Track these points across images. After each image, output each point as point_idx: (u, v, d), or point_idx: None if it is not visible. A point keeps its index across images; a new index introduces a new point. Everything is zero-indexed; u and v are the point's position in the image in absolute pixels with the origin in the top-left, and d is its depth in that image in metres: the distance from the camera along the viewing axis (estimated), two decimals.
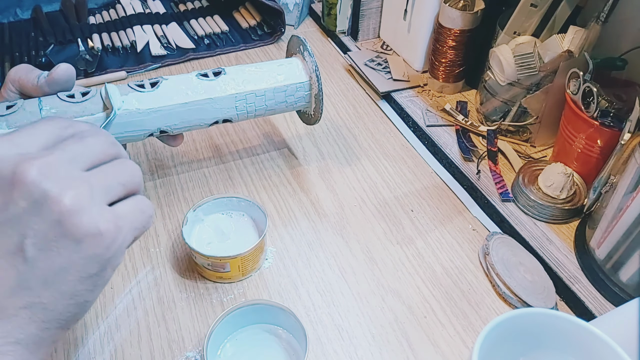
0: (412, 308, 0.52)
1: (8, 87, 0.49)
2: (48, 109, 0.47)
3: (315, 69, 0.57)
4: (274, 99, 0.57)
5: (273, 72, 0.58)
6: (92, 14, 0.97)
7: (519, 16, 0.66)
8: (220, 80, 0.55)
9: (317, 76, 0.58)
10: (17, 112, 0.46)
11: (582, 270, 0.55)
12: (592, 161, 0.60)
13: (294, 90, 0.58)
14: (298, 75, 0.58)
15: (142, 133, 0.53)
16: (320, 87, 0.58)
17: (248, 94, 0.56)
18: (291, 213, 0.62)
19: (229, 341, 0.48)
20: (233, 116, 0.57)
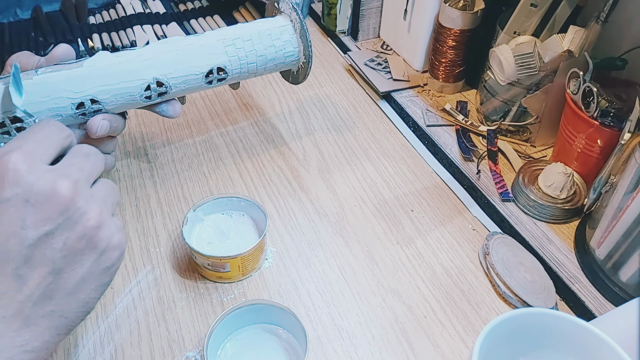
0: (412, 308, 0.52)
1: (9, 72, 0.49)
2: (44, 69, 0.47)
3: (293, 8, 0.59)
4: (261, 42, 0.58)
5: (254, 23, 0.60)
6: (92, 14, 0.97)
7: (519, 16, 0.66)
8: (206, 33, 0.57)
9: (297, 13, 0.59)
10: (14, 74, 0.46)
11: (582, 270, 0.55)
12: (592, 161, 0.60)
13: (278, 33, 0.59)
14: (279, 22, 0.60)
15: (138, 83, 0.52)
16: (303, 24, 0.59)
17: (235, 39, 0.57)
18: (291, 213, 0.62)
19: (229, 341, 0.48)
20: (226, 62, 0.57)
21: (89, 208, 0.34)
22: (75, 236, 0.33)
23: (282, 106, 0.78)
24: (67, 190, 0.33)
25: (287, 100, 0.79)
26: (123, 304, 0.52)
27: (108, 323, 0.50)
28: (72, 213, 0.33)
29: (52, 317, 0.33)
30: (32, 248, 0.32)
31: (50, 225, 0.32)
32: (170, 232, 0.59)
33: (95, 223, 0.34)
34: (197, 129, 0.73)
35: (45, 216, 0.32)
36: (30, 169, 0.33)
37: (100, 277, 0.35)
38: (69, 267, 0.33)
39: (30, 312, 0.32)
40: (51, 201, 0.32)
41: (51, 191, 0.33)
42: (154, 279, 0.54)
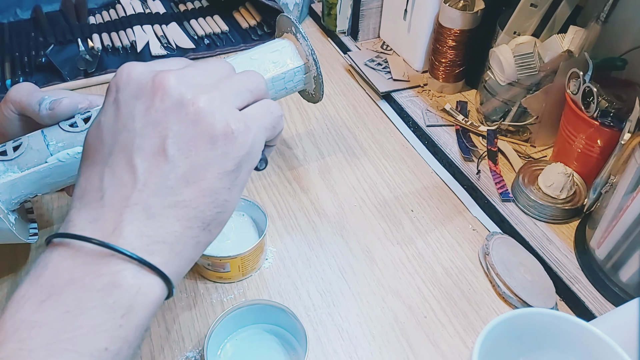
0: (412, 308, 0.52)
1: (8, 107, 0.48)
2: (54, 143, 0.46)
3: (311, 53, 0.57)
4: (274, 88, 0.57)
5: (269, 61, 0.57)
6: (92, 14, 0.97)
7: (519, 16, 0.66)
8: None
9: (315, 59, 0.57)
10: (25, 152, 0.46)
11: (582, 270, 0.55)
12: (592, 161, 0.60)
13: (292, 75, 0.58)
14: (294, 60, 0.58)
15: None
16: (318, 70, 0.57)
17: None
18: (291, 213, 0.62)
19: (229, 341, 0.48)
20: None
21: (196, 94, 0.33)
22: (181, 122, 0.33)
23: (282, 106, 0.78)
24: (170, 79, 0.33)
25: (287, 100, 0.79)
26: None
27: None
28: (177, 99, 0.33)
29: (177, 208, 0.33)
30: (141, 137, 0.33)
31: (154, 112, 0.33)
32: None
33: (201, 108, 0.33)
34: None
35: (149, 105, 0.33)
36: (141, 68, 0.34)
37: (221, 164, 0.33)
38: (182, 155, 0.33)
39: (153, 203, 0.32)
40: (156, 91, 0.33)
41: (154, 82, 0.33)
42: None
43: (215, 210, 0.34)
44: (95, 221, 0.32)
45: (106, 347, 0.29)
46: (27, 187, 0.46)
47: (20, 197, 0.46)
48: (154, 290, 0.32)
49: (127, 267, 0.31)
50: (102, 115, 0.34)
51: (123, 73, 0.34)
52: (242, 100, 0.36)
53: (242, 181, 0.35)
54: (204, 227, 0.34)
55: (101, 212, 0.32)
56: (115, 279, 0.30)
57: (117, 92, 0.34)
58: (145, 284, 0.31)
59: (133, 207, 0.32)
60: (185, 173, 0.33)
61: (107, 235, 0.31)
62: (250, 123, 0.35)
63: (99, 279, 0.30)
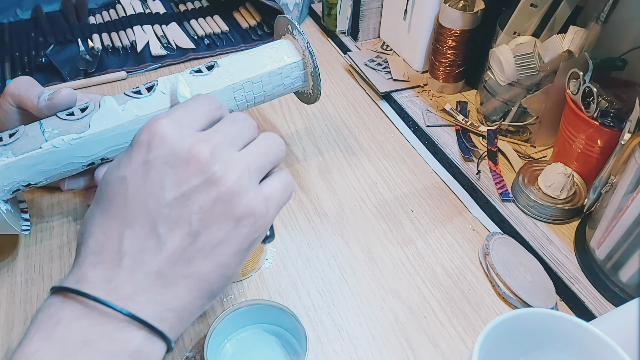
0: (412, 308, 0.52)
1: (7, 100, 0.48)
2: (50, 130, 0.46)
3: (307, 46, 0.57)
4: (271, 83, 0.57)
5: (265, 56, 0.57)
6: (92, 14, 0.97)
7: (519, 16, 0.66)
8: (215, 74, 0.55)
9: (311, 53, 0.57)
10: (20, 138, 0.46)
11: (582, 270, 0.55)
12: (592, 161, 0.60)
13: (289, 71, 0.58)
14: (291, 56, 0.58)
15: None
16: (315, 64, 0.57)
17: (245, 82, 0.55)
18: (291, 213, 0.62)
19: (229, 341, 0.48)
20: (234, 107, 0.56)
21: (226, 173, 0.34)
22: (210, 199, 0.33)
23: (282, 106, 0.78)
24: (204, 153, 0.33)
25: (287, 100, 0.79)
26: None
27: None
28: (208, 176, 0.33)
29: (191, 279, 0.34)
30: (169, 208, 0.33)
31: (186, 186, 0.33)
32: None
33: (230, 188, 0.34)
34: None
35: (182, 178, 0.33)
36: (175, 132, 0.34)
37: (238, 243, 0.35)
38: (205, 230, 0.33)
39: (170, 273, 0.33)
40: (189, 163, 0.33)
41: (189, 154, 0.33)
42: None
43: (223, 283, 0.36)
44: (111, 282, 0.32)
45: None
46: (20, 172, 0.46)
47: (13, 184, 0.46)
48: (159, 354, 0.33)
49: (140, 334, 0.32)
50: (127, 171, 0.34)
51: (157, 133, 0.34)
52: (263, 174, 0.37)
53: (249, 256, 0.37)
54: (211, 297, 0.36)
55: (119, 273, 0.32)
56: (128, 346, 0.31)
57: (148, 153, 0.34)
58: (154, 350, 0.33)
59: (151, 274, 0.33)
60: (204, 247, 0.34)
61: (122, 298, 0.32)
62: (270, 205, 0.36)
63: (113, 344, 0.31)
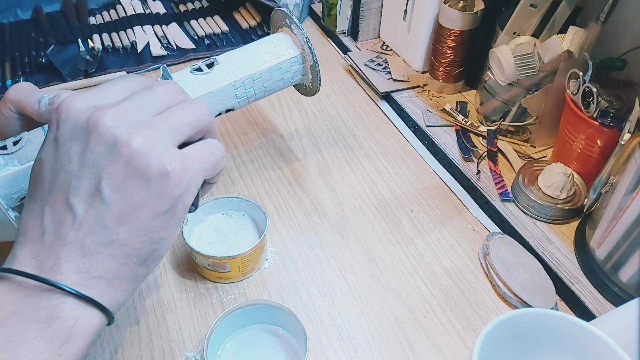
0: (412, 308, 0.52)
1: (7, 106, 0.48)
2: None
3: (306, 41, 0.57)
4: (271, 78, 0.57)
5: (265, 52, 0.57)
6: (92, 15, 0.97)
7: (519, 16, 0.66)
8: (215, 72, 0.55)
9: (310, 48, 0.57)
10: (25, 146, 0.46)
11: (582, 270, 0.55)
12: (592, 161, 0.60)
13: (288, 66, 0.58)
14: (290, 51, 0.58)
15: None
16: (314, 58, 0.58)
17: (245, 79, 0.56)
18: (291, 213, 0.62)
19: (229, 341, 0.48)
20: (235, 104, 0.57)
21: (130, 135, 0.33)
22: (116, 164, 0.33)
23: (282, 106, 0.78)
24: (103, 120, 0.33)
25: (287, 101, 0.79)
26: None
27: None
28: (111, 141, 0.33)
29: (112, 246, 0.34)
30: (77, 179, 0.34)
31: (90, 154, 0.33)
32: None
33: (135, 149, 0.33)
34: None
35: (85, 147, 0.34)
36: (79, 106, 0.34)
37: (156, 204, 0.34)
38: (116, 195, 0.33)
39: (89, 242, 0.33)
40: (90, 132, 0.33)
41: (88, 123, 0.34)
42: (154, 279, 0.54)
43: (150, 248, 0.35)
44: (36, 257, 0.33)
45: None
46: (27, 180, 0.46)
47: (21, 192, 0.46)
48: (91, 321, 0.34)
49: (65, 301, 0.32)
50: (42, 152, 0.35)
51: (62, 109, 0.35)
52: (180, 136, 0.36)
53: (177, 219, 0.36)
54: (140, 263, 0.35)
55: (41, 248, 0.34)
56: (54, 312, 0.32)
57: (57, 130, 0.35)
58: (82, 315, 0.33)
59: (70, 245, 0.33)
60: (120, 213, 0.34)
61: (46, 270, 0.33)
62: (188, 163, 0.35)
63: (39, 311, 0.32)
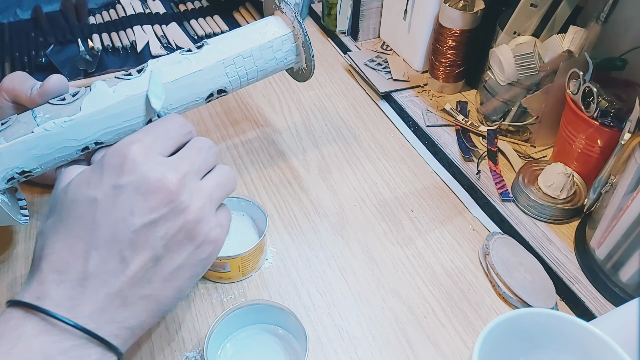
0: (412, 308, 0.52)
1: (2, 95, 0.48)
2: (42, 115, 0.46)
3: (295, 17, 0.57)
4: (262, 57, 0.57)
5: (255, 32, 0.57)
6: (92, 14, 0.97)
7: (519, 16, 0.66)
8: (205, 51, 0.54)
9: (300, 22, 0.57)
10: (12, 125, 0.46)
11: (582, 270, 0.55)
12: (592, 161, 0.60)
13: (279, 44, 0.57)
14: (280, 29, 0.58)
15: (140, 121, 0.51)
16: (305, 34, 0.57)
17: (235, 57, 0.55)
18: (291, 213, 0.62)
19: (229, 341, 0.48)
20: (226, 84, 0.55)
21: (192, 202, 0.36)
22: (175, 227, 0.35)
23: (282, 106, 0.78)
24: (174, 183, 0.35)
25: (287, 101, 0.79)
26: None
27: None
28: (176, 205, 0.35)
29: (148, 300, 0.36)
30: (136, 234, 0.35)
31: (155, 214, 0.35)
32: None
33: (195, 217, 0.36)
34: (197, 129, 0.73)
35: (152, 205, 0.35)
36: (146, 160, 0.36)
37: (195, 267, 0.37)
38: (167, 255, 0.35)
39: (129, 293, 0.35)
40: (159, 192, 0.35)
41: (159, 183, 0.35)
42: None
43: (174, 304, 0.38)
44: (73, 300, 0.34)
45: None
46: (14, 159, 0.45)
47: (7, 171, 0.46)
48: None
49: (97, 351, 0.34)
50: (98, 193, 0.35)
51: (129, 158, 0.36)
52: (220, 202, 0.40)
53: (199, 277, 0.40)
54: (162, 315, 0.38)
55: (82, 293, 0.34)
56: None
57: (120, 177, 0.35)
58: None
59: (112, 294, 0.34)
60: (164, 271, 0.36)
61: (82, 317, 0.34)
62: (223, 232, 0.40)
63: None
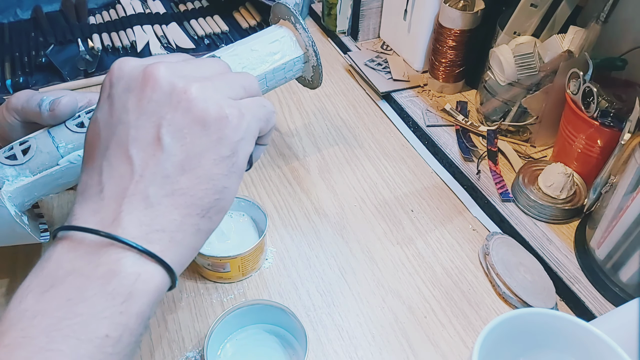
0: (412, 308, 0.52)
1: (11, 114, 0.48)
2: (64, 145, 0.46)
3: (312, 44, 0.57)
4: (274, 78, 0.57)
5: (268, 51, 0.57)
6: (92, 14, 0.97)
7: (519, 16, 0.66)
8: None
9: (315, 51, 0.57)
10: (35, 156, 0.45)
11: (582, 270, 0.55)
12: (592, 161, 0.60)
13: (291, 65, 0.58)
14: (293, 50, 0.58)
15: None
16: (319, 60, 0.58)
17: None
18: (291, 213, 0.62)
19: (229, 341, 0.48)
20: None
21: (187, 83, 0.34)
22: (174, 110, 0.33)
23: (282, 106, 0.78)
24: (160, 69, 0.34)
25: (287, 101, 0.79)
26: None
27: None
28: (169, 89, 0.33)
29: (174, 195, 0.33)
30: (135, 129, 0.33)
31: (147, 102, 0.33)
32: None
33: (193, 95, 0.33)
34: None
35: (141, 96, 0.34)
36: (132, 63, 0.35)
37: (216, 150, 0.34)
38: (176, 143, 0.33)
39: (150, 192, 0.32)
40: (147, 82, 0.34)
41: (144, 73, 0.34)
42: None
43: (213, 197, 0.34)
44: (96, 213, 0.32)
45: (107, 333, 0.30)
46: (40, 189, 0.46)
47: (33, 199, 0.46)
48: (154, 277, 0.32)
49: (127, 256, 0.31)
50: (97, 112, 0.35)
51: (115, 68, 0.35)
52: (235, 93, 0.36)
53: (239, 167, 0.35)
54: (203, 214, 0.34)
55: (101, 204, 0.32)
56: (114, 267, 0.31)
57: (111, 88, 0.35)
58: (144, 271, 0.31)
59: (131, 197, 0.32)
60: (181, 161, 0.33)
61: (106, 225, 0.31)
62: (245, 110, 0.35)
63: (99, 267, 0.31)
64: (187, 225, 0.33)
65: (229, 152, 0.34)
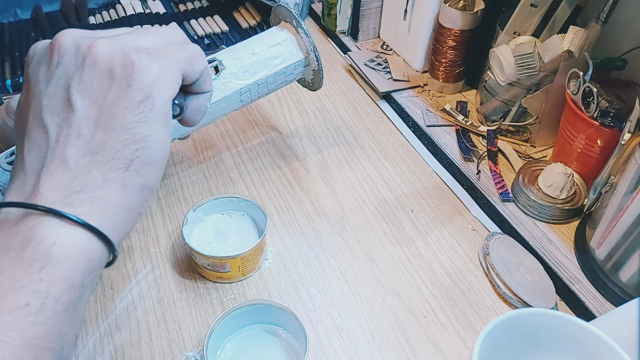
0: (412, 308, 0.52)
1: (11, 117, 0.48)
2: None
3: (314, 49, 0.57)
4: (275, 82, 0.58)
5: (270, 54, 0.57)
6: (92, 14, 0.97)
7: (519, 16, 0.66)
8: (222, 78, 0.55)
9: (316, 56, 0.58)
10: None
11: (582, 270, 0.55)
12: (592, 161, 0.60)
13: (292, 69, 0.59)
14: (295, 54, 0.58)
15: None
16: (320, 65, 0.58)
17: (251, 85, 0.56)
18: (291, 213, 0.62)
19: (229, 341, 0.48)
20: (238, 106, 0.57)
21: (91, 42, 0.33)
22: (77, 69, 0.33)
23: (282, 106, 0.78)
24: (63, 37, 0.33)
25: (287, 101, 0.79)
26: (123, 304, 0.52)
27: (108, 323, 0.50)
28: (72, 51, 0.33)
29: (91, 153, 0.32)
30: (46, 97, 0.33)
31: (52, 68, 0.33)
32: (170, 232, 0.59)
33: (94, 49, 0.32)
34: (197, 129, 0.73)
35: (48, 65, 0.33)
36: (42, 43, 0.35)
37: (126, 97, 0.32)
38: (85, 101, 0.32)
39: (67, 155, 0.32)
40: (52, 52, 0.33)
41: (49, 45, 0.34)
42: (154, 279, 0.54)
43: (134, 147, 0.32)
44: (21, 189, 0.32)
45: (27, 302, 0.29)
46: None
47: None
48: (77, 241, 0.31)
49: (43, 221, 0.30)
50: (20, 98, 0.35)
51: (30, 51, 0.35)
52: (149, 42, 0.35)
53: (159, 113, 0.33)
54: (127, 167, 0.32)
55: (24, 179, 0.32)
56: (29, 234, 0.30)
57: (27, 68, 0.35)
58: (63, 234, 0.30)
59: (49, 164, 0.32)
60: (94, 117, 0.32)
61: (26, 197, 0.31)
62: (156, 54, 0.34)
63: (16, 237, 0.30)
64: (110, 182, 0.32)
65: (141, 97, 0.33)
